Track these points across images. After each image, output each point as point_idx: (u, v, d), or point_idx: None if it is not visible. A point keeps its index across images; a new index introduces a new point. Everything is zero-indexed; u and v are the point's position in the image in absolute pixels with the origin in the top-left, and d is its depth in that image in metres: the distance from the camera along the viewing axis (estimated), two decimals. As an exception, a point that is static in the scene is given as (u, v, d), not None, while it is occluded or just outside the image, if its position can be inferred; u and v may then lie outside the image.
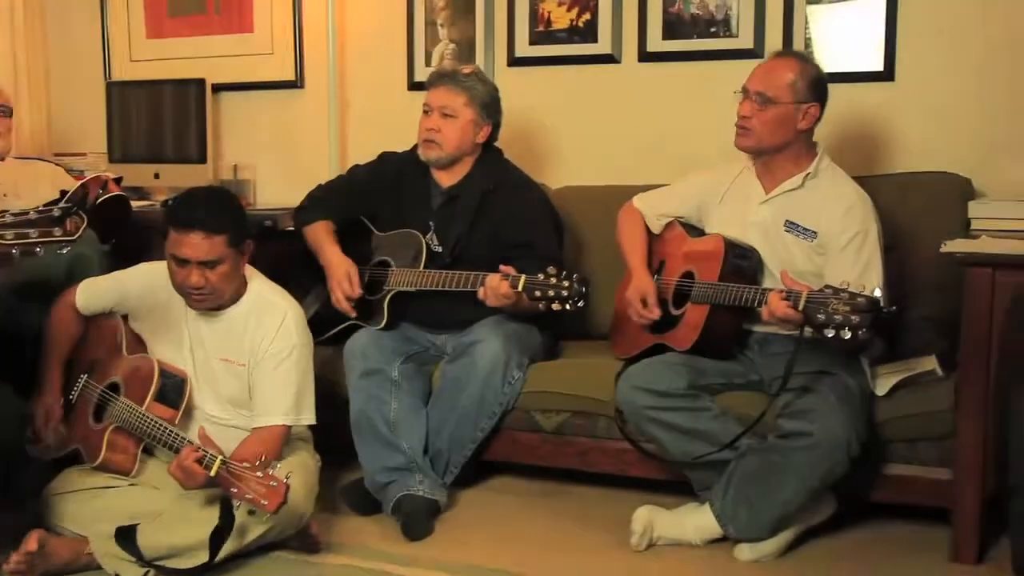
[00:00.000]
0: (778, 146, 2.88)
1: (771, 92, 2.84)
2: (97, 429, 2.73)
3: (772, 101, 2.84)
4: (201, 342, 2.77)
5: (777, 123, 2.85)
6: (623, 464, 3.05)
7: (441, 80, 3.26)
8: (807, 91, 2.85)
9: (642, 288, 3.01)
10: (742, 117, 2.89)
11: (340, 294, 3.17)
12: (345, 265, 3.20)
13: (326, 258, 3.25)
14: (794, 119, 2.84)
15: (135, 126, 4.31)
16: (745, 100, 2.89)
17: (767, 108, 2.84)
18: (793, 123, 2.84)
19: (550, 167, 3.91)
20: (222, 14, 4.37)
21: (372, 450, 3.02)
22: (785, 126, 2.85)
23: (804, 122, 2.85)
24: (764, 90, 2.85)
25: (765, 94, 2.84)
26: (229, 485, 2.35)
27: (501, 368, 3.01)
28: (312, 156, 4.24)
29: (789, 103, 2.84)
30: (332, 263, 3.23)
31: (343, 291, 3.17)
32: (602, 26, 3.81)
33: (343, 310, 3.19)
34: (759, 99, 2.85)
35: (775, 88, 2.84)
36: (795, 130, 2.85)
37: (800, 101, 2.84)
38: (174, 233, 2.60)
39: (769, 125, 2.85)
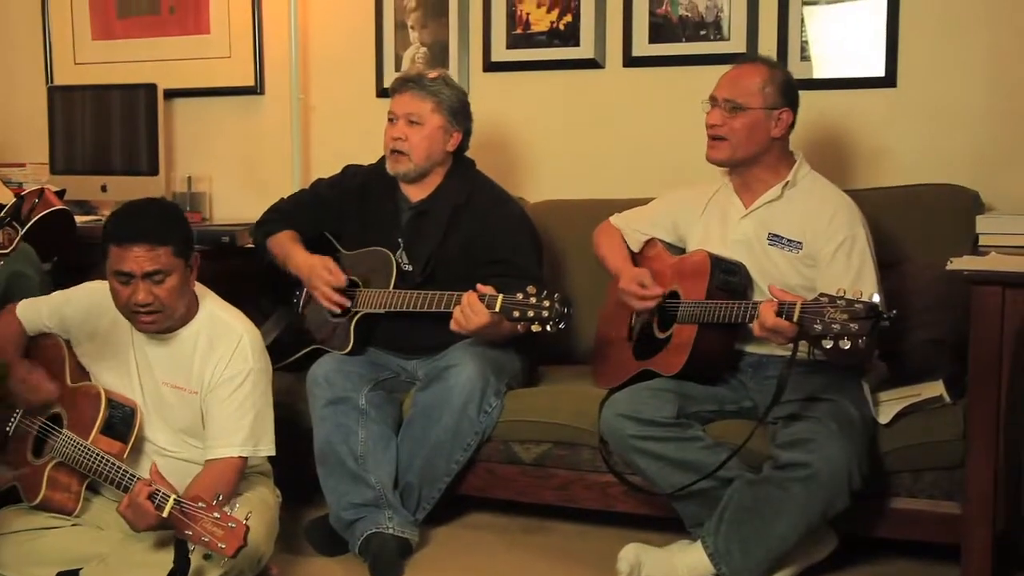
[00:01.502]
0: (752, 156, 2.92)
1: (740, 99, 2.88)
2: (36, 465, 2.69)
3: (742, 108, 2.88)
4: (149, 368, 2.73)
5: (748, 131, 2.89)
6: (608, 498, 3.04)
7: (405, 85, 3.26)
8: (778, 96, 2.89)
9: (634, 274, 3.02)
10: (712, 126, 2.93)
11: (325, 288, 3.15)
12: (318, 259, 3.19)
13: (296, 262, 3.24)
14: (766, 126, 2.88)
15: (80, 135, 4.28)
16: (714, 109, 2.93)
17: (737, 115, 2.88)
18: (766, 130, 2.89)
19: (528, 180, 3.91)
20: (176, 14, 4.35)
21: (338, 484, 3.00)
22: (758, 134, 2.89)
23: (777, 129, 2.90)
24: (733, 97, 2.89)
25: (734, 101, 2.89)
26: (183, 527, 2.31)
27: (477, 395, 3.00)
28: (273, 168, 4.22)
29: (759, 109, 2.88)
30: (305, 262, 3.22)
31: (326, 281, 3.15)
32: (584, 29, 3.83)
33: (333, 305, 3.16)
34: (728, 107, 2.89)
35: (744, 95, 2.89)
36: (768, 138, 2.90)
37: (771, 107, 2.88)
38: (115, 249, 2.56)
39: (740, 133, 2.89)
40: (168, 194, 4.16)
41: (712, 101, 2.94)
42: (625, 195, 3.54)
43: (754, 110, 2.87)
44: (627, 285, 3.00)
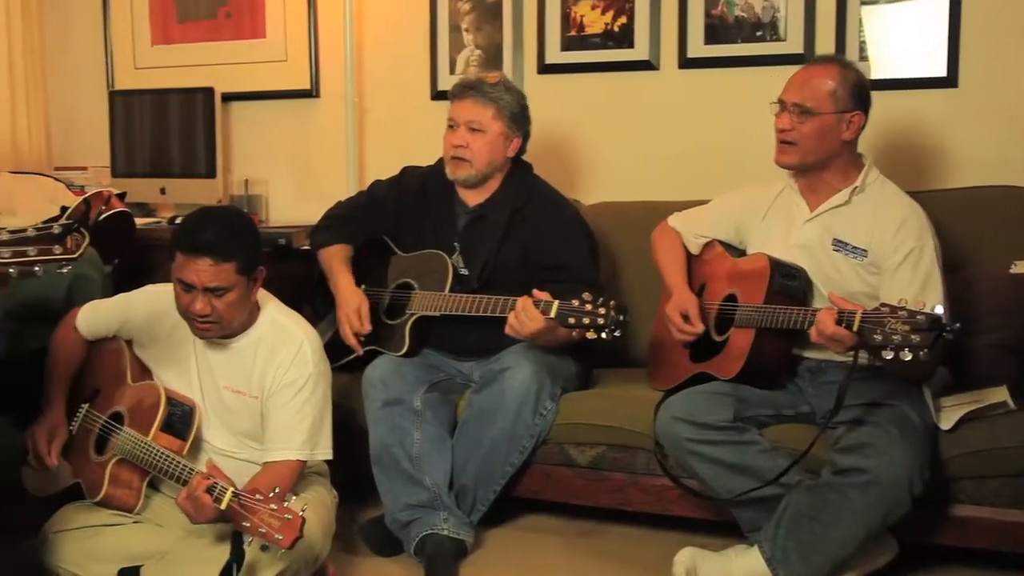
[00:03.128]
0: (823, 160, 2.87)
1: (811, 103, 2.83)
2: (99, 462, 2.73)
3: (812, 112, 2.82)
4: (210, 371, 2.76)
5: (820, 135, 2.83)
6: (664, 501, 3.03)
7: (466, 92, 3.26)
8: (849, 99, 2.83)
9: (682, 303, 3.00)
10: (781, 131, 2.87)
11: (348, 329, 3.19)
12: (356, 299, 3.21)
13: (336, 288, 3.27)
14: (837, 130, 2.83)
15: (140, 138, 4.34)
16: (783, 113, 2.87)
17: (807, 120, 2.83)
18: (837, 134, 2.83)
19: (583, 182, 3.91)
20: (233, 18, 4.41)
21: (393, 485, 3.02)
22: (828, 138, 2.84)
23: (848, 132, 2.84)
24: (802, 101, 2.83)
25: (804, 105, 2.83)
26: (241, 519, 2.33)
27: (532, 398, 3.00)
28: (328, 170, 4.26)
29: (831, 113, 2.82)
30: (343, 294, 3.24)
31: (352, 326, 3.18)
32: (639, 30, 3.82)
33: (351, 345, 3.20)
34: (797, 111, 2.84)
35: (815, 98, 2.83)
36: (839, 141, 2.84)
37: (843, 110, 2.83)
38: (180, 256, 2.58)
39: (811, 138, 2.83)
40: (225, 197, 4.22)
41: (781, 104, 2.88)
42: (680, 197, 3.51)
43: (825, 114, 2.82)
44: (672, 313, 3.00)
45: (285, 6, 4.31)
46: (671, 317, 2.99)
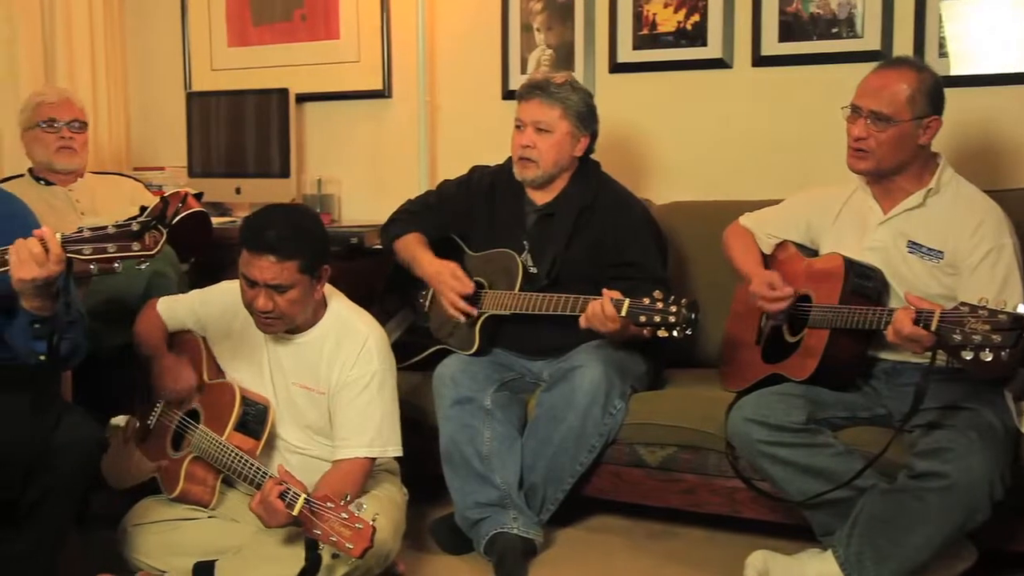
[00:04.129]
0: (898, 166, 2.82)
1: (888, 110, 2.75)
2: (175, 458, 2.78)
3: (890, 120, 2.75)
4: (280, 367, 2.80)
5: (896, 143, 2.77)
6: (735, 503, 3.00)
7: (532, 92, 3.25)
8: (927, 104, 2.76)
9: (765, 277, 2.94)
10: (857, 139, 2.81)
11: (451, 295, 3.16)
12: (447, 265, 3.20)
13: (423, 266, 3.26)
14: (914, 136, 2.77)
15: (216, 139, 4.40)
16: (858, 119, 2.80)
17: (884, 128, 2.76)
18: (913, 140, 2.77)
19: (654, 182, 3.89)
20: (307, 21, 4.45)
21: (463, 484, 3.03)
22: (905, 145, 2.78)
23: (925, 137, 2.78)
24: (879, 109, 2.76)
25: (881, 113, 2.75)
26: (312, 526, 2.35)
27: (602, 397, 2.99)
28: (400, 169, 4.28)
29: (909, 120, 2.75)
30: (432, 267, 3.24)
31: (453, 288, 3.16)
32: (712, 28, 3.78)
33: (459, 314, 3.16)
34: (874, 118, 2.76)
35: (891, 105, 2.75)
36: (915, 147, 2.79)
37: (920, 116, 2.76)
38: (245, 252, 2.62)
39: (887, 146, 2.77)
40: (299, 196, 4.26)
41: (855, 110, 2.81)
42: (753, 196, 3.49)
43: (903, 122, 2.74)
44: (757, 288, 2.94)
45: (358, 8, 4.35)
46: (759, 292, 2.92)
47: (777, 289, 2.90)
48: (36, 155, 3.63)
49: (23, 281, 2.19)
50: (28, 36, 4.21)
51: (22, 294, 2.23)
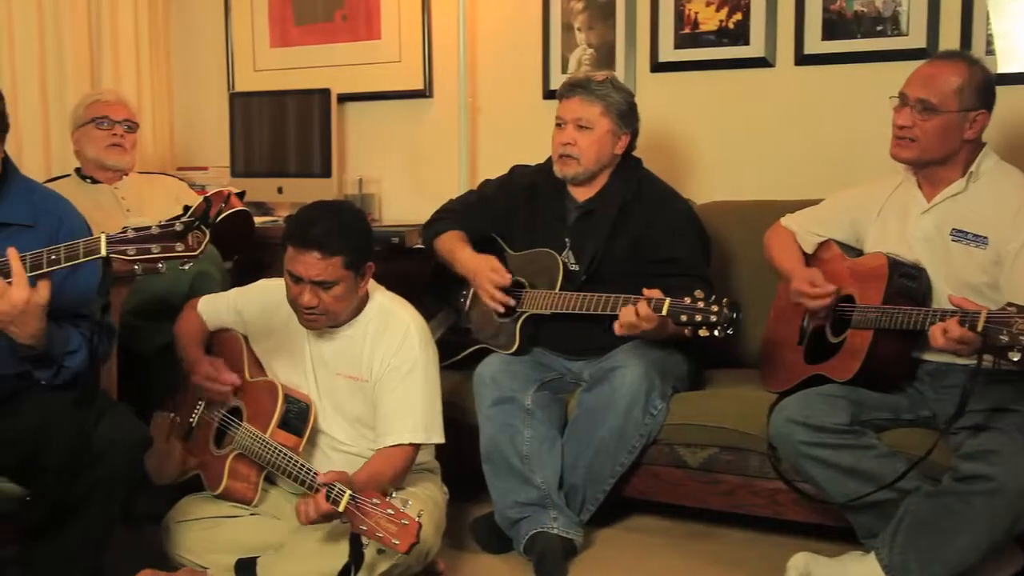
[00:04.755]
0: (941, 158, 2.79)
1: (935, 99, 2.74)
2: (219, 455, 2.80)
3: (936, 110, 2.73)
4: (323, 360, 2.81)
5: (941, 134, 2.75)
6: (777, 505, 2.98)
7: (573, 90, 3.25)
8: (975, 97, 2.74)
9: (806, 275, 2.92)
10: (901, 127, 2.79)
11: (490, 287, 3.16)
12: (484, 260, 3.21)
13: (462, 260, 3.27)
14: (960, 129, 2.74)
15: (258, 139, 4.43)
16: (904, 108, 2.79)
17: (930, 117, 2.74)
18: (959, 133, 2.75)
19: (696, 181, 3.87)
20: (349, 21, 4.48)
21: (503, 483, 3.03)
22: (950, 136, 2.75)
23: (971, 131, 2.75)
24: (927, 97, 2.74)
25: (928, 102, 2.74)
26: (358, 522, 2.36)
27: (643, 398, 2.98)
28: (440, 169, 4.29)
29: (955, 111, 2.73)
30: (471, 262, 3.24)
31: (493, 282, 3.16)
32: (754, 27, 3.76)
33: (497, 304, 3.17)
34: (920, 107, 2.75)
35: (939, 95, 2.74)
36: (960, 140, 2.76)
37: (967, 109, 2.74)
38: (291, 248, 2.65)
39: (932, 136, 2.76)
40: (340, 196, 4.28)
41: (902, 98, 2.79)
42: (795, 196, 3.46)
43: (948, 113, 2.73)
44: (799, 285, 2.92)
45: (400, 8, 4.36)
46: (801, 290, 2.90)
47: (819, 286, 2.88)
48: (87, 152, 3.68)
49: None
50: (75, 42, 4.26)
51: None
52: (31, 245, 2.27)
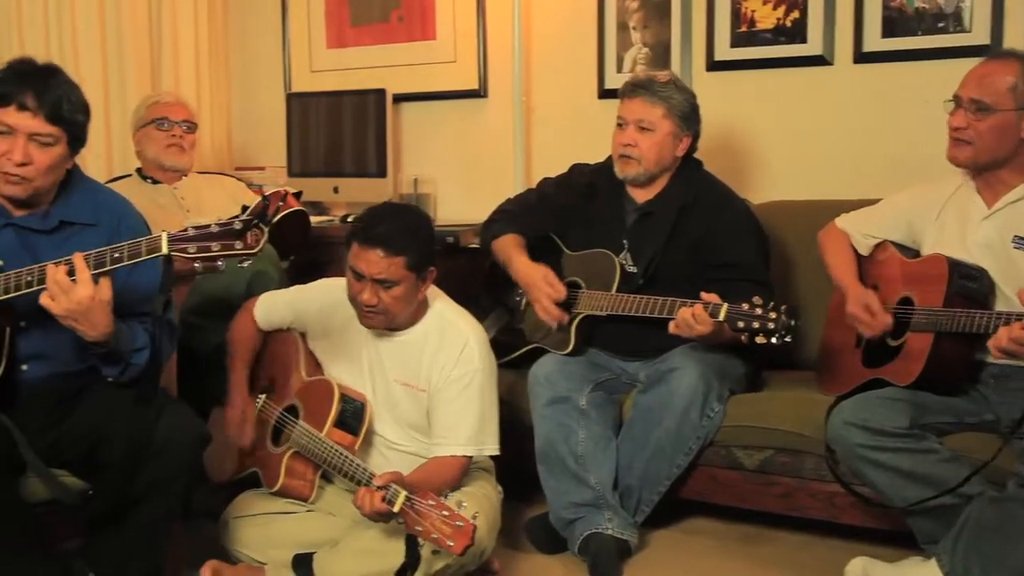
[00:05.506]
0: (999, 159, 2.75)
1: (988, 99, 2.70)
2: (275, 453, 2.83)
3: (990, 109, 2.70)
4: (381, 364, 2.83)
5: (997, 133, 2.71)
6: (834, 508, 2.95)
7: (636, 91, 3.23)
8: None
9: (862, 298, 2.90)
10: (956, 129, 2.76)
11: (545, 301, 3.15)
12: (541, 269, 3.19)
13: (517, 268, 3.25)
14: (1017, 128, 2.70)
15: (314, 139, 4.46)
16: (958, 110, 2.76)
17: (984, 117, 2.71)
18: (1016, 133, 2.71)
19: (753, 181, 3.84)
20: (405, 22, 4.49)
21: (558, 483, 3.02)
22: (1006, 136, 2.71)
23: None
24: (980, 97, 2.71)
25: (982, 101, 2.71)
26: (413, 523, 2.37)
27: (699, 399, 2.96)
28: (495, 169, 4.30)
29: (1010, 110, 2.69)
30: (526, 271, 3.22)
31: (547, 295, 3.15)
32: (812, 25, 3.72)
33: (551, 320, 3.16)
34: (974, 107, 2.72)
35: (993, 94, 2.70)
36: (1017, 140, 2.72)
37: (1023, 107, 2.69)
38: (356, 246, 2.67)
39: (987, 136, 2.72)
40: (395, 195, 4.30)
41: (956, 100, 2.76)
42: (853, 196, 3.43)
43: (1003, 111, 2.69)
44: (854, 309, 2.90)
45: (455, 8, 4.37)
46: (856, 315, 2.89)
47: (876, 316, 2.85)
48: (147, 152, 3.74)
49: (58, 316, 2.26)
50: (136, 45, 4.32)
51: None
52: (93, 243, 2.32)
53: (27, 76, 2.39)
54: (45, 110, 2.36)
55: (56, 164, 2.43)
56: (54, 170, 2.44)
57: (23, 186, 2.40)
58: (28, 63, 2.44)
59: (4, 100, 2.36)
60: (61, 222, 2.50)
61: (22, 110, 2.36)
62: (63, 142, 2.42)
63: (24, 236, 2.46)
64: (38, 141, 2.38)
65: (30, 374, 2.46)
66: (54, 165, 2.42)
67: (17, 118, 2.36)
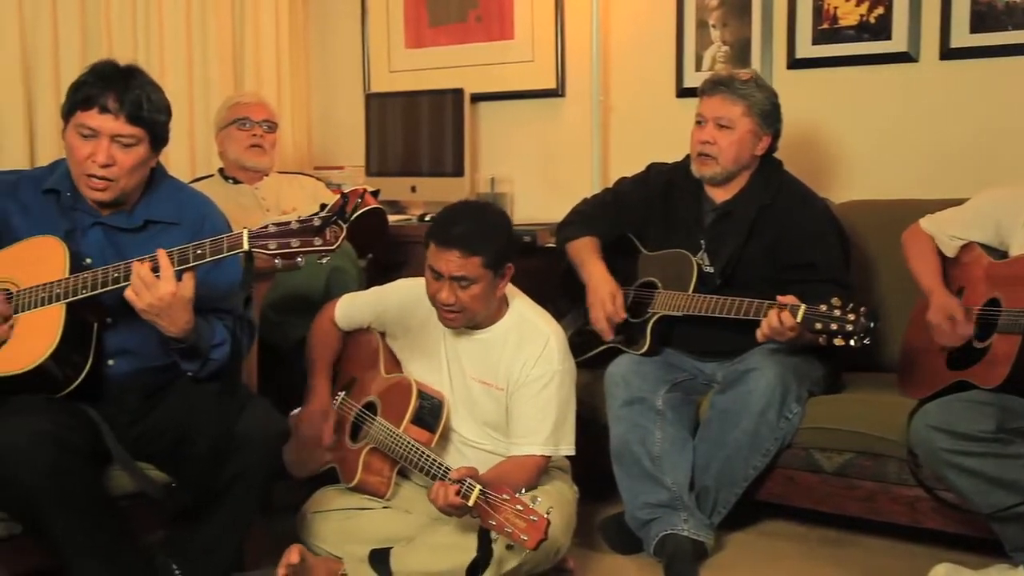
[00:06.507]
0: None
1: None
2: (354, 449, 2.87)
3: None
4: (459, 362, 2.86)
5: None
6: (916, 513, 2.91)
7: (716, 88, 3.22)
8: None
9: (945, 306, 2.86)
10: None
11: (601, 314, 3.18)
12: (609, 285, 3.20)
13: (589, 275, 3.26)
14: None
15: (392, 138, 4.52)
16: None
17: None
18: None
19: (835, 180, 3.80)
20: (482, 22, 4.53)
21: (634, 483, 3.03)
22: None
23: None
24: None
25: None
26: (487, 517, 2.39)
27: (777, 400, 2.94)
28: (572, 168, 4.31)
29: None
30: (595, 281, 3.23)
31: (605, 311, 3.17)
32: (897, 21, 3.67)
33: (600, 331, 3.20)
34: None
35: None
36: None
37: None
38: (433, 245, 2.71)
39: None
40: (472, 195, 4.33)
41: None
42: (937, 196, 3.37)
43: None
44: (935, 318, 2.86)
45: (533, 7, 4.39)
46: (937, 324, 2.86)
47: (958, 326, 2.81)
48: (228, 153, 3.81)
49: (140, 311, 2.32)
50: (219, 46, 4.42)
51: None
52: (176, 241, 2.38)
53: (108, 78, 2.45)
54: (126, 111, 2.43)
55: (139, 164, 2.50)
56: (137, 170, 2.51)
57: (109, 190, 2.48)
58: (109, 65, 2.50)
59: (86, 103, 2.44)
60: (146, 221, 2.57)
61: (104, 112, 2.42)
62: (145, 142, 2.48)
63: (111, 235, 2.54)
64: (120, 143, 2.45)
65: (116, 369, 2.53)
66: (137, 165, 2.49)
67: (99, 121, 2.43)
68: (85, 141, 2.45)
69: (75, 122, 2.45)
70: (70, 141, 2.47)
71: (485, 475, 2.55)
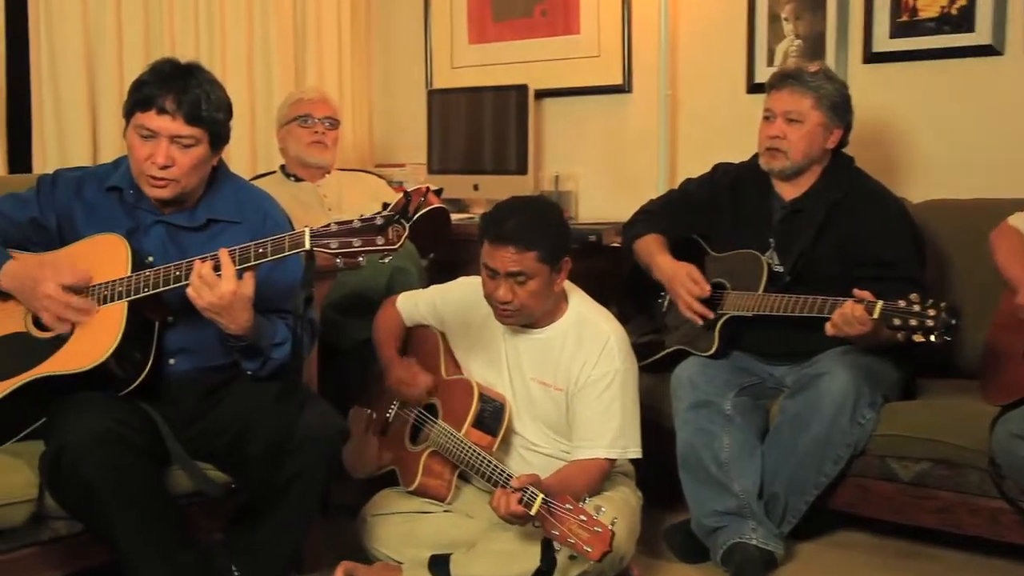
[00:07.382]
0: None
1: None
2: (414, 452, 2.88)
3: None
4: (519, 363, 2.85)
5: None
6: (997, 526, 2.84)
7: (784, 81, 3.19)
8: None
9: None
10: None
11: (687, 297, 3.14)
12: (684, 266, 3.17)
13: (660, 266, 3.24)
14: None
15: (455, 135, 4.53)
16: None
17: None
18: None
19: (911, 178, 3.73)
20: (548, 16, 4.52)
21: (700, 490, 3.00)
22: None
23: None
24: None
25: None
26: (550, 527, 2.38)
27: (850, 406, 2.90)
28: (639, 166, 4.28)
29: None
30: (669, 267, 3.21)
31: (690, 291, 3.13)
32: (980, 13, 3.59)
33: (695, 315, 3.14)
34: None
35: None
36: None
37: None
38: (487, 244, 2.70)
39: None
40: (536, 193, 4.32)
41: None
42: (1021, 195, 3.29)
43: None
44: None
45: (599, 1, 4.37)
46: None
47: None
48: (290, 150, 3.84)
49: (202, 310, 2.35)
50: (281, 43, 4.47)
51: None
52: (237, 240, 2.41)
53: (167, 78, 2.48)
54: (184, 112, 2.45)
55: (199, 164, 2.53)
56: (197, 170, 2.54)
57: (169, 187, 2.51)
58: (169, 63, 2.53)
59: (145, 104, 2.47)
60: (208, 219, 2.60)
61: (161, 113, 2.45)
62: (204, 142, 2.51)
63: (173, 233, 2.58)
64: (179, 143, 2.47)
65: (177, 367, 2.57)
66: (197, 165, 2.52)
67: (158, 122, 2.46)
68: (145, 142, 2.48)
69: (135, 122, 2.49)
70: (131, 141, 2.51)
71: (547, 481, 2.54)
